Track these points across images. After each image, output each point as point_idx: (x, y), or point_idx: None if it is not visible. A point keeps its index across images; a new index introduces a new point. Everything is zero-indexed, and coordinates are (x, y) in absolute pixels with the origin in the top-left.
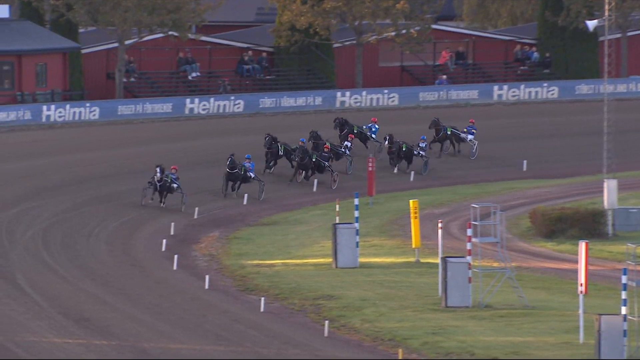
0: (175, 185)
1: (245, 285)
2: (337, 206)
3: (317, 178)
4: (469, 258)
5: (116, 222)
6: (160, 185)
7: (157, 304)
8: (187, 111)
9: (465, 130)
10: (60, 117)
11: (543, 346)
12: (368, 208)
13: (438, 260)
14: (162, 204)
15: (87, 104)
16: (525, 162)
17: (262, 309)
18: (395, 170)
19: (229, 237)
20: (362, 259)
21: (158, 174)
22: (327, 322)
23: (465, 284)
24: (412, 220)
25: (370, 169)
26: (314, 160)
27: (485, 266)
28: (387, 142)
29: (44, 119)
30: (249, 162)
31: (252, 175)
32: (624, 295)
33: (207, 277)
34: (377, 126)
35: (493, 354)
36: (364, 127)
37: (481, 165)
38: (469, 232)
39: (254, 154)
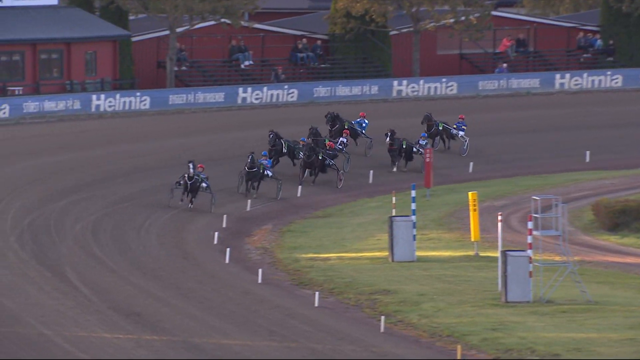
0: (205, 185)
1: (299, 279)
2: (394, 198)
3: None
4: (529, 252)
5: (167, 214)
6: (190, 184)
7: (208, 298)
8: (239, 100)
9: (455, 126)
10: (110, 106)
11: (606, 343)
12: (425, 200)
13: (498, 254)
14: (190, 205)
15: (138, 93)
16: (588, 152)
17: (316, 304)
18: (395, 169)
19: (282, 229)
20: (419, 253)
21: (191, 170)
22: (383, 317)
23: (525, 278)
24: (471, 213)
25: (427, 160)
26: (320, 158)
27: (546, 260)
28: (388, 139)
29: (93, 109)
30: (266, 160)
31: (270, 173)
32: None
33: (259, 270)
34: (366, 121)
35: (555, 351)
36: (353, 122)
37: (542, 156)
38: (530, 225)
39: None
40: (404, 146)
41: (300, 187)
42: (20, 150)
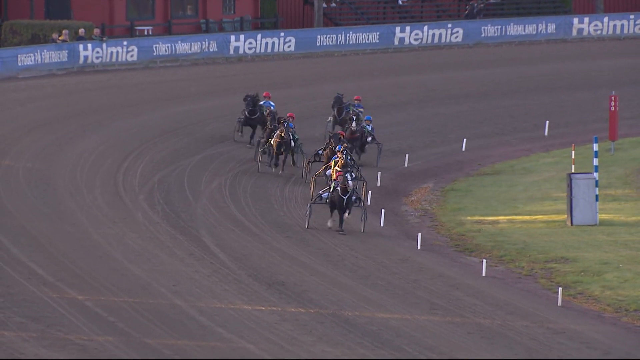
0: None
1: (463, 245)
2: (573, 153)
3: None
4: None
5: (315, 169)
6: (285, 142)
7: (361, 266)
8: (396, 41)
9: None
10: (250, 48)
11: None
12: (609, 155)
13: None
14: (274, 168)
15: (281, 34)
16: None
17: (483, 273)
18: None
19: (444, 189)
20: (602, 216)
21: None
22: (560, 289)
23: None
24: None
25: (612, 109)
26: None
27: None
28: (353, 124)
29: (231, 51)
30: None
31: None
32: None
33: (419, 235)
34: (362, 106)
35: None
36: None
37: None
38: None
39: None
40: (365, 132)
41: (464, 139)
42: (149, 98)
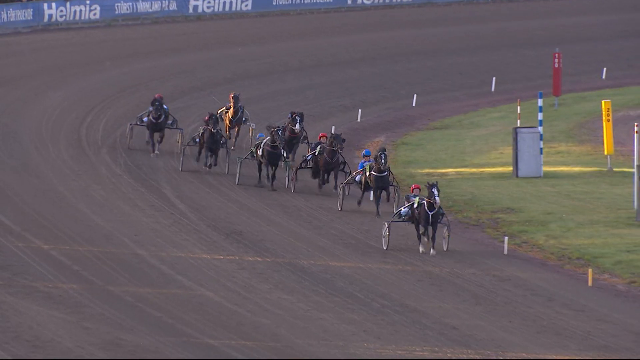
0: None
1: None
2: (519, 108)
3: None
4: None
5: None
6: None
7: (316, 217)
8: (349, 1)
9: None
10: (208, 7)
11: None
12: (553, 110)
13: (633, 169)
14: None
15: None
16: None
17: None
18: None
19: (396, 142)
20: (546, 168)
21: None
22: (506, 238)
23: None
24: (604, 124)
25: (556, 66)
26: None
27: None
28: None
29: (191, 10)
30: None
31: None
32: None
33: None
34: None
35: None
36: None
37: None
38: None
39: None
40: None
41: (415, 95)
42: (111, 55)
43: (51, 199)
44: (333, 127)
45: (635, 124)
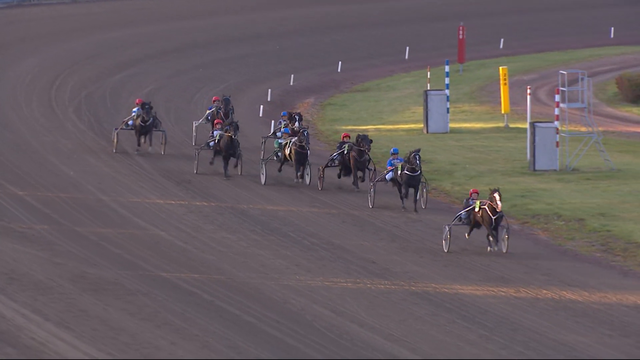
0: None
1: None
2: (429, 73)
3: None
4: (556, 123)
5: (217, 87)
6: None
7: (256, 168)
8: None
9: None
10: None
11: (629, 208)
12: (458, 75)
13: (526, 126)
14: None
15: None
16: (612, 29)
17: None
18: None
19: (323, 103)
20: (452, 125)
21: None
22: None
23: (552, 148)
24: (501, 87)
25: (460, 37)
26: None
27: (572, 131)
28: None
29: None
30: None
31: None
32: None
33: None
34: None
35: (579, 216)
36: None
37: (568, 33)
38: (557, 97)
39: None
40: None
41: (340, 62)
42: (77, 27)
43: (25, 152)
44: (269, 90)
45: (528, 87)
